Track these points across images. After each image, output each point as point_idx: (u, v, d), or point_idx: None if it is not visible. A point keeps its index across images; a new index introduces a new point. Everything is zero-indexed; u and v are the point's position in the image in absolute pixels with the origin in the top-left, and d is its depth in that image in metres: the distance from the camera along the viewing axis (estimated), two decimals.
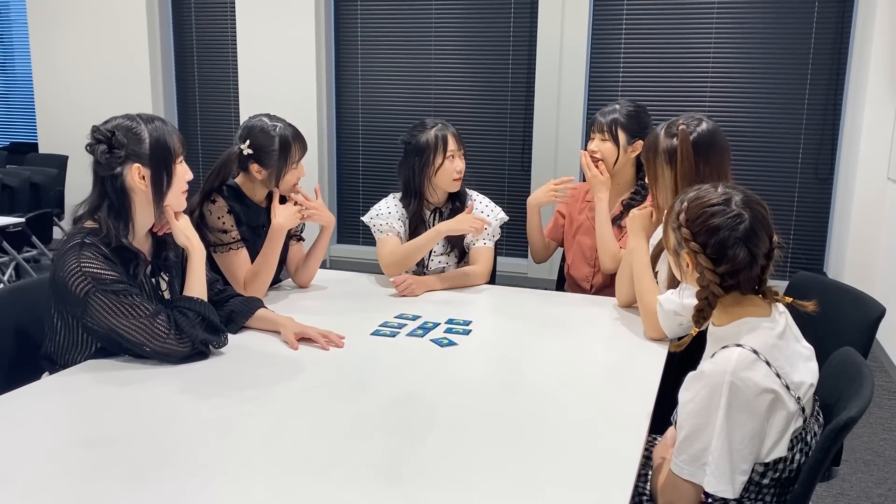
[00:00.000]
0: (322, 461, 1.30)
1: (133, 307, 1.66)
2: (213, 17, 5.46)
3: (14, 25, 6.28)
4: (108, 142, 1.67)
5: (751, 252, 1.33)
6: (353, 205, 5.42)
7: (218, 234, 2.21)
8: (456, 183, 2.49)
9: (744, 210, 1.34)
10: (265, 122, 2.24)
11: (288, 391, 1.61)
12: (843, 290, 2.04)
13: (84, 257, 1.64)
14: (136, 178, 1.70)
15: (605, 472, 1.28)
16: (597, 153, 2.49)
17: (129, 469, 1.25)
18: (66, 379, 1.64)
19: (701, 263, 1.34)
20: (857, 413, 1.27)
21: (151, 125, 1.72)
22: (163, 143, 1.72)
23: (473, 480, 1.24)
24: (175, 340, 1.69)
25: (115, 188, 1.70)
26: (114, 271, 1.66)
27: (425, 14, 5.01)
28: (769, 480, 1.34)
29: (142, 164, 1.70)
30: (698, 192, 1.40)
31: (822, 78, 4.37)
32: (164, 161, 1.73)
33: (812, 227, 4.56)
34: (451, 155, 2.45)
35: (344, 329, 1.97)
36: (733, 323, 1.36)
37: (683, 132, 1.96)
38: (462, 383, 1.69)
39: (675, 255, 1.42)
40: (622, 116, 2.48)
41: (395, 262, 2.47)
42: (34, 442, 1.36)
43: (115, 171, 1.69)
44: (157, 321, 1.68)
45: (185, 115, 5.67)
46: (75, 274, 1.63)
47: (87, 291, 1.63)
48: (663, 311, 1.88)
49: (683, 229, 1.36)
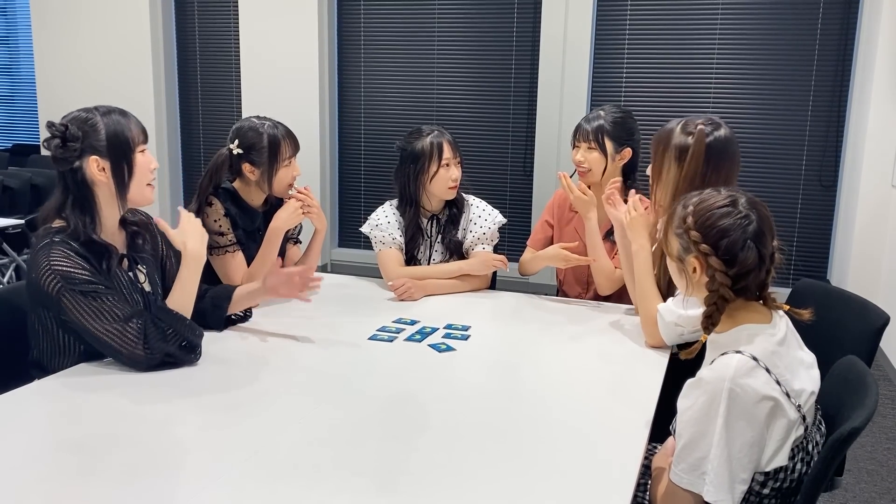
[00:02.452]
0: (316, 468, 1.28)
1: (103, 311, 1.63)
2: (216, 22, 5.46)
3: (20, 28, 6.30)
4: (62, 136, 1.65)
5: (759, 253, 1.31)
6: (354, 209, 5.41)
7: (214, 237, 2.20)
8: (451, 191, 2.46)
9: (751, 211, 1.33)
10: (253, 122, 2.24)
11: (282, 396, 1.59)
12: (847, 297, 2.02)
13: (53, 255, 1.61)
14: (95, 171, 1.67)
15: (604, 481, 1.26)
16: (584, 163, 2.39)
17: (119, 475, 1.23)
18: (54, 384, 1.62)
19: (713, 266, 1.31)
20: (860, 423, 1.24)
21: (108, 117, 1.69)
22: (120, 133, 1.69)
23: (469, 489, 1.22)
24: (142, 349, 1.65)
25: (76, 182, 1.67)
26: (84, 270, 1.63)
27: (428, 18, 5.00)
28: (770, 490, 1.31)
29: (100, 157, 1.67)
30: (702, 195, 1.38)
31: (825, 84, 4.35)
32: (123, 151, 1.69)
33: (815, 234, 4.54)
34: (447, 163, 2.42)
35: (341, 334, 1.95)
36: (733, 329, 1.34)
37: (701, 132, 1.90)
38: (459, 390, 1.67)
39: (679, 262, 1.39)
40: (608, 123, 2.37)
41: (397, 274, 2.43)
42: (22, 446, 1.34)
43: (74, 165, 1.66)
44: (128, 326, 1.64)
45: (187, 117, 5.67)
46: (46, 273, 1.61)
47: (59, 289, 1.61)
48: (663, 322, 1.86)
49: (693, 232, 1.33)
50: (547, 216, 2.59)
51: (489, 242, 2.54)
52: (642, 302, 1.96)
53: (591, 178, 2.42)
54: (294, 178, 2.28)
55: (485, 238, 2.52)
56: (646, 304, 1.94)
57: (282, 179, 2.24)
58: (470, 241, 2.52)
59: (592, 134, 2.37)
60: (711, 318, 1.34)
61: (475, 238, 2.52)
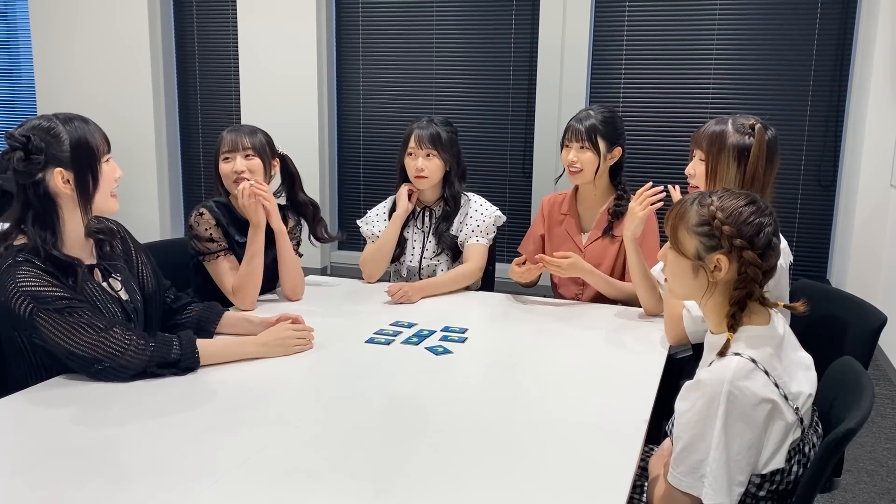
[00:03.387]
0: (313, 471, 1.28)
1: (81, 325, 1.57)
2: (214, 23, 5.46)
3: (19, 33, 6.30)
4: (24, 147, 1.56)
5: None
6: (353, 211, 5.40)
7: (205, 244, 2.26)
8: (417, 181, 2.51)
9: (770, 209, 1.36)
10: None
11: (278, 400, 1.59)
12: (846, 298, 2.02)
13: (20, 276, 1.54)
14: (59, 183, 1.59)
15: (601, 482, 1.26)
16: (576, 163, 2.37)
17: (114, 479, 1.23)
18: (44, 391, 1.60)
19: (747, 261, 1.31)
20: (856, 425, 1.24)
21: (70, 125, 1.61)
22: (84, 142, 1.61)
23: (466, 491, 1.22)
24: (133, 352, 1.59)
25: (38, 195, 1.58)
26: (54, 287, 1.57)
27: (426, 18, 5.00)
28: (766, 493, 1.31)
29: (64, 168, 1.59)
30: (720, 194, 1.37)
31: (824, 84, 4.35)
32: (88, 162, 1.62)
33: (814, 234, 4.53)
34: (411, 152, 2.50)
35: (338, 336, 1.95)
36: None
37: (761, 131, 1.90)
38: (457, 392, 1.67)
39: (696, 261, 1.36)
40: (599, 123, 2.36)
41: (364, 261, 2.57)
42: (14, 453, 1.34)
43: (37, 177, 1.57)
44: (111, 335, 1.59)
45: (186, 119, 5.66)
46: (15, 295, 1.54)
47: (31, 311, 1.54)
48: (690, 317, 1.85)
49: (726, 227, 1.32)
50: (538, 228, 2.57)
51: (484, 235, 2.54)
52: (669, 299, 1.92)
53: (582, 179, 2.41)
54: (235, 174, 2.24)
55: (479, 230, 2.53)
56: (672, 301, 1.90)
57: (223, 172, 2.28)
58: (465, 234, 2.54)
59: (585, 133, 2.35)
60: (735, 316, 1.34)
61: (469, 231, 2.53)
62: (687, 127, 4.50)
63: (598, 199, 2.47)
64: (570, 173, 2.42)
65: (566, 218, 2.51)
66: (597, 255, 2.43)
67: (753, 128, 1.91)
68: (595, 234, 2.46)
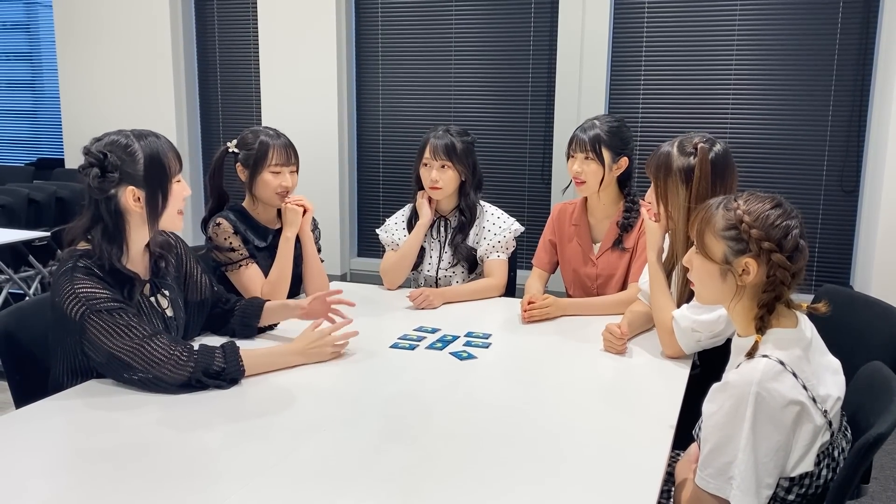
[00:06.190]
0: (340, 475, 1.29)
1: (128, 328, 1.59)
2: (235, 36, 5.52)
3: (42, 44, 6.40)
4: (100, 164, 1.61)
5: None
6: (373, 218, 5.42)
7: (226, 254, 2.25)
8: (432, 192, 2.51)
9: (796, 211, 1.36)
10: (258, 128, 2.33)
11: (305, 404, 1.61)
12: (871, 303, 2.00)
13: (77, 280, 1.58)
14: (130, 201, 1.64)
15: (628, 488, 1.26)
16: (581, 175, 2.34)
17: (147, 482, 1.25)
18: (78, 394, 1.63)
19: (776, 263, 1.31)
20: (886, 429, 1.23)
21: (145, 142, 1.65)
22: (157, 162, 1.65)
23: (493, 496, 1.23)
24: (171, 367, 1.59)
25: (109, 211, 1.63)
26: (107, 290, 1.61)
27: (445, 21, 5.03)
28: (795, 496, 1.31)
29: (136, 186, 1.63)
30: (745, 198, 1.37)
31: (846, 87, 4.32)
32: (160, 182, 1.66)
33: (838, 239, 4.49)
34: (426, 163, 2.49)
35: (362, 342, 1.96)
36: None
37: (703, 150, 1.88)
38: (481, 398, 1.68)
39: (724, 265, 1.35)
40: (604, 133, 2.32)
41: (385, 269, 2.58)
42: (49, 455, 1.36)
43: (109, 193, 1.63)
44: (154, 343, 1.60)
45: (207, 129, 5.73)
46: (69, 297, 1.58)
47: (83, 314, 1.57)
48: (679, 328, 1.84)
49: (754, 230, 1.32)
50: (548, 234, 2.56)
51: (504, 251, 2.55)
52: (657, 313, 1.93)
53: (587, 190, 2.39)
54: (283, 189, 2.27)
55: (500, 246, 2.53)
56: (660, 314, 1.91)
57: (267, 182, 2.25)
58: (484, 250, 2.53)
59: (589, 144, 2.32)
60: (763, 319, 1.33)
61: (489, 246, 2.53)
62: (707, 132, 4.47)
63: (606, 210, 2.43)
64: (575, 184, 2.40)
65: (577, 229, 2.48)
66: (609, 266, 2.41)
67: (696, 147, 1.89)
68: (605, 245, 2.43)
